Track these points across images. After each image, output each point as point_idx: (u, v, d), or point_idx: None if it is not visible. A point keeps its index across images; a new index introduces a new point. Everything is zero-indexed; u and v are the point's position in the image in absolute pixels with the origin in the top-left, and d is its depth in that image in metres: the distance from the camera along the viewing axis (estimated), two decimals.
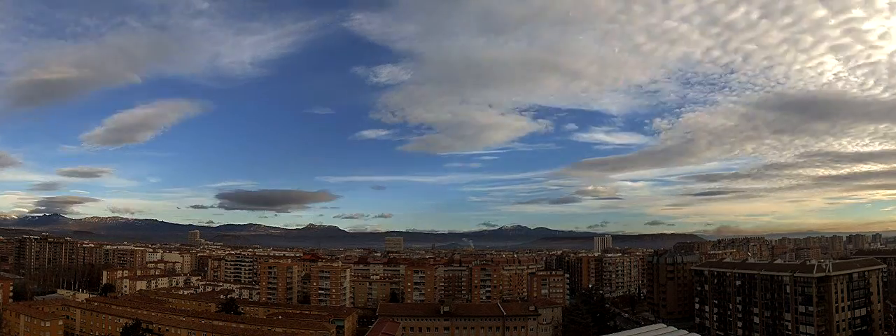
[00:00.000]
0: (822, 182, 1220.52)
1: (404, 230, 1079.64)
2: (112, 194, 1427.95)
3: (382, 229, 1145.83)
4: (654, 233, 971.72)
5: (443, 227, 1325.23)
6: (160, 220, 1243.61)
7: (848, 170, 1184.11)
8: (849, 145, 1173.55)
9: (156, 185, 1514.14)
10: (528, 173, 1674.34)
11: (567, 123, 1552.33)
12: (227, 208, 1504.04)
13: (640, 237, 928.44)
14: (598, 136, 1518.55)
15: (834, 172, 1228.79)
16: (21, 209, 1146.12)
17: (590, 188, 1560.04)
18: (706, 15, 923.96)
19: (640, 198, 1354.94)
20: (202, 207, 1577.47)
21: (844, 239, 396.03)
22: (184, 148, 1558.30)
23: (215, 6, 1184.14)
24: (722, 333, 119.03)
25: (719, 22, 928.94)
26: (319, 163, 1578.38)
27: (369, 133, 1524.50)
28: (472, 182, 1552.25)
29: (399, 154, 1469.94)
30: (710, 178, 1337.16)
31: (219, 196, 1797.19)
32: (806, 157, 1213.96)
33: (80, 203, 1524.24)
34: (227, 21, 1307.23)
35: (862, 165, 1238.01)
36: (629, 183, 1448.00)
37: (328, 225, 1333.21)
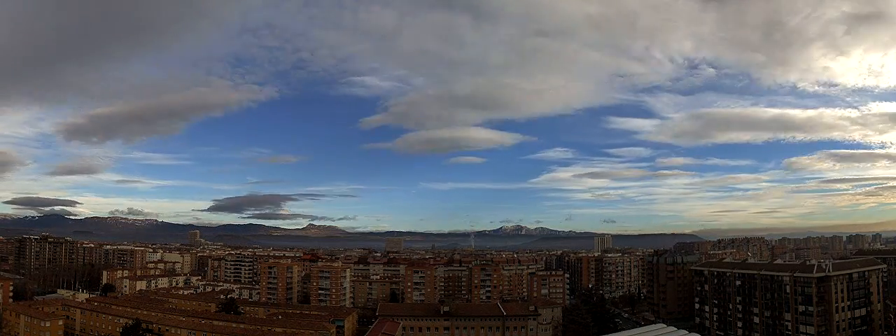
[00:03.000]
0: (821, 182, 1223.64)
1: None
2: (112, 194, 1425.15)
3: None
4: (655, 233, 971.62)
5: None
6: (160, 220, 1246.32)
7: (850, 170, 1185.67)
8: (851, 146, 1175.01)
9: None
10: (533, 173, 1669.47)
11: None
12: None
13: (641, 237, 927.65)
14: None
15: (835, 173, 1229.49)
16: (21, 209, 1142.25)
17: (590, 188, 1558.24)
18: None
19: (642, 197, 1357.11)
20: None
21: (844, 239, 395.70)
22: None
23: None
24: (722, 333, 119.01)
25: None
26: None
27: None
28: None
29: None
30: (710, 177, 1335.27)
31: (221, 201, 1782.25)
32: (807, 158, 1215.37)
33: (80, 203, 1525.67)
34: None
35: (863, 165, 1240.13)
36: (630, 182, 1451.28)
37: (331, 225, 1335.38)
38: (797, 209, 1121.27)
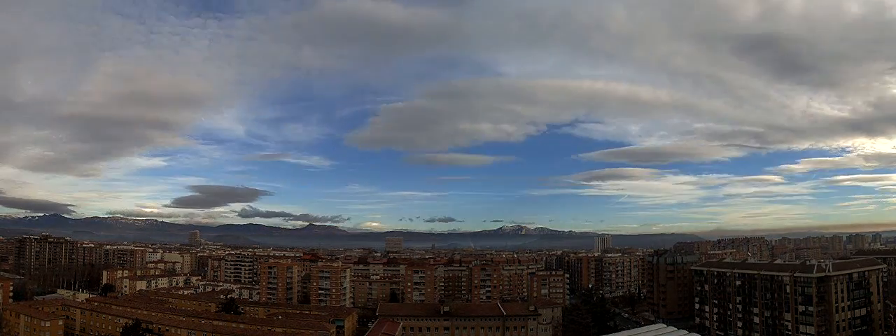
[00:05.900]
0: (822, 182, 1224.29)
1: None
2: (113, 194, 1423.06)
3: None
4: (654, 233, 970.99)
5: None
6: (160, 220, 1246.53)
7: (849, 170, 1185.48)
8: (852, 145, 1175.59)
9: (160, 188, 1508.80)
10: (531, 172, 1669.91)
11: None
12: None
13: (640, 237, 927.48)
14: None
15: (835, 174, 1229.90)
16: (21, 209, 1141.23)
17: (590, 188, 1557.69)
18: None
19: (641, 197, 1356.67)
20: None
21: (844, 239, 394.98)
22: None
23: None
24: (722, 333, 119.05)
25: None
26: None
27: None
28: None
29: None
30: (710, 178, 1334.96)
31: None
32: (806, 157, 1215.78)
33: (80, 202, 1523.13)
34: None
35: (864, 164, 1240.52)
36: (629, 182, 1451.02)
37: (331, 225, 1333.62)
38: (798, 209, 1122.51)
